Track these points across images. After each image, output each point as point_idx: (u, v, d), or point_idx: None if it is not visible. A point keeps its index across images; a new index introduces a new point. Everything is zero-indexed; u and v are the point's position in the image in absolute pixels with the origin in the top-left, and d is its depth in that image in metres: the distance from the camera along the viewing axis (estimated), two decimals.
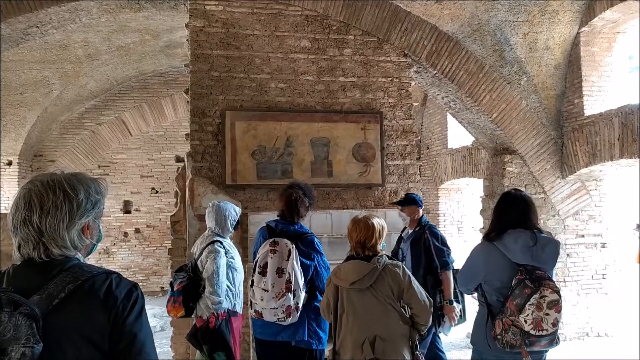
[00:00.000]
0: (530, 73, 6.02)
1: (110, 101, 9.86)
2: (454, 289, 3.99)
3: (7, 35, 5.31)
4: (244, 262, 4.79)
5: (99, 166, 9.85)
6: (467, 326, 6.13)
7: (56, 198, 1.21)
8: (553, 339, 2.50)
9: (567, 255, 6.30)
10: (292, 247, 2.92)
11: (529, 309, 2.43)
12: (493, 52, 5.88)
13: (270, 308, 2.84)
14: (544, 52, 6.03)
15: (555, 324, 2.45)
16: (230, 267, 3.40)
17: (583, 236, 6.37)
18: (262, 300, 2.87)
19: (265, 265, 2.89)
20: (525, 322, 2.43)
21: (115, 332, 1.20)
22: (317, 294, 3.06)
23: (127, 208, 9.97)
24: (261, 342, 3.10)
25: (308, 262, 3.01)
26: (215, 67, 5.02)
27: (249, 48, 5.11)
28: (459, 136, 8.90)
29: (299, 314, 2.91)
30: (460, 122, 6.83)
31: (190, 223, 4.73)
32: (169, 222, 5.06)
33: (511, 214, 2.65)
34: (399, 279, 2.61)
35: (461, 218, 9.79)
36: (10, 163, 8.86)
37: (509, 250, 2.57)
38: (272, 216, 4.63)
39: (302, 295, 2.93)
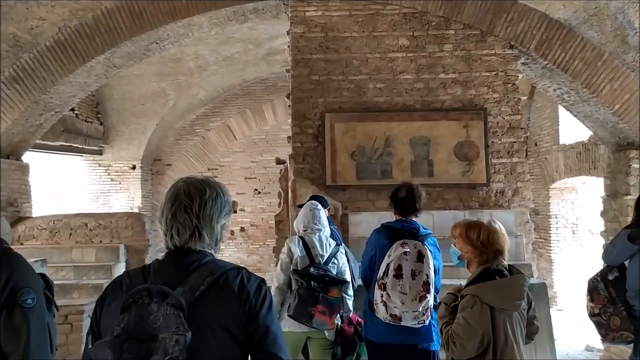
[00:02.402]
0: None
1: (218, 108, 10.59)
2: None
3: (132, 52, 5.92)
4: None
5: (209, 169, 10.61)
6: (586, 338, 5.62)
7: (212, 193, 1.39)
8: None
9: None
10: (425, 248, 2.85)
11: None
12: (614, 38, 5.30)
13: (412, 311, 2.75)
14: None
15: None
16: None
17: None
18: (402, 303, 2.76)
19: (400, 268, 2.78)
20: None
21: (250, 324, 1.28)
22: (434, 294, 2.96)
23: (233, 208, 10.57)
24: (380, 345, 2.98)
25: (435, 262, 2.93)
26: (315, 70, 5.14)
27: (347, 50, 5.16)
28: (572, 131, 8.17)
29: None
30: (575, 116, 6.27)
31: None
32: (271, 222, 5.28)
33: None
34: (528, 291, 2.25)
35: (576, 220, 8.97)
36: (134, 167, 9.89)
37: None
38: (372, 217, 4.65)
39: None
